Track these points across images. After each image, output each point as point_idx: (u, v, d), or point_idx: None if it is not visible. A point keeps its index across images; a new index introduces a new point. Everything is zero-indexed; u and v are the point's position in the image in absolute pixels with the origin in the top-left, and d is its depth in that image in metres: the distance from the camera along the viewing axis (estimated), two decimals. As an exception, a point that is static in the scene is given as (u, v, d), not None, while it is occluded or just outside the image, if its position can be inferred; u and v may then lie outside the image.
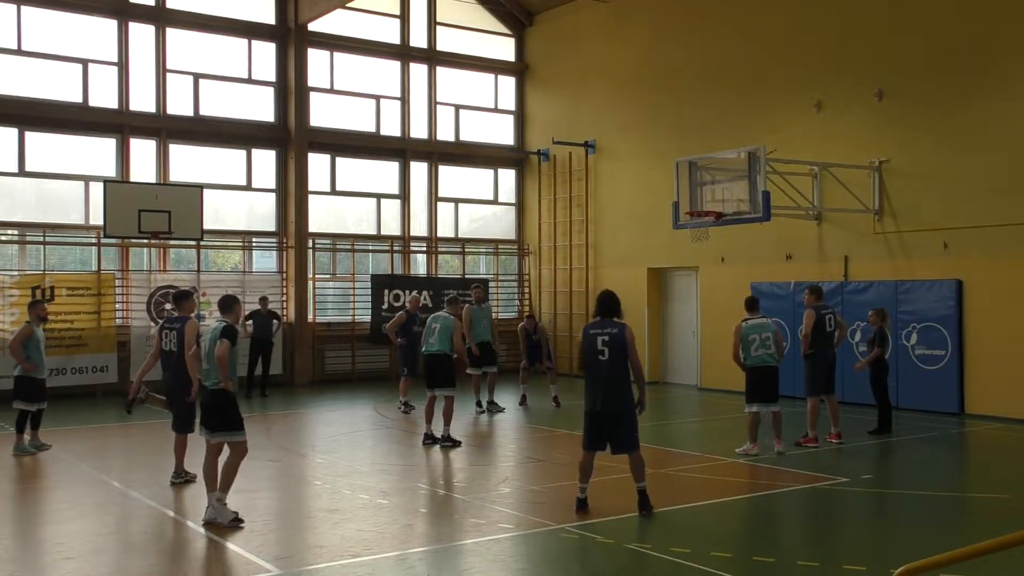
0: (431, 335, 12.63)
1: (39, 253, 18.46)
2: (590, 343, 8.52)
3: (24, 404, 11.82)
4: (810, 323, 12.25)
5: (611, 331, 8.48)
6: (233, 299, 8.77)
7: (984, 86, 14.96)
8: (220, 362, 8.22)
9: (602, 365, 8.44)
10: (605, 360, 8.43)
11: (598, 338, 8.50)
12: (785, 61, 17.79)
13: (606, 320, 8.58)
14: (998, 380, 14.58)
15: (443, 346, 12.52)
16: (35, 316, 12.00)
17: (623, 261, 20.97)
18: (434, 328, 12.63)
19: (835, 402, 12.55)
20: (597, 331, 8.53)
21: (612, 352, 8.42)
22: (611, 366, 8.42)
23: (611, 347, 8.43)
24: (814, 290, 12.74)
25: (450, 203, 23.13)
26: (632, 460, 8.53)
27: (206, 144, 19.97)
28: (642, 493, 8.52)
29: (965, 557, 4.26)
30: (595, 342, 8.49)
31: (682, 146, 18.24)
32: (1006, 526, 7.44)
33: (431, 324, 12.75)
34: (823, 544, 8.01)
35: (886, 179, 16.18)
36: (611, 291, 8.84)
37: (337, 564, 7.11)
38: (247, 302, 19.21)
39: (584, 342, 8.58)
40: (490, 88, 23.75)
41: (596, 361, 8.47)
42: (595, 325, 8.61)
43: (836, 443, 12.23)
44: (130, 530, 8.45)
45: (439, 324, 12.64)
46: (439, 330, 12.57)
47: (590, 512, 8.49)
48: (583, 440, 8.70)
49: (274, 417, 15.42)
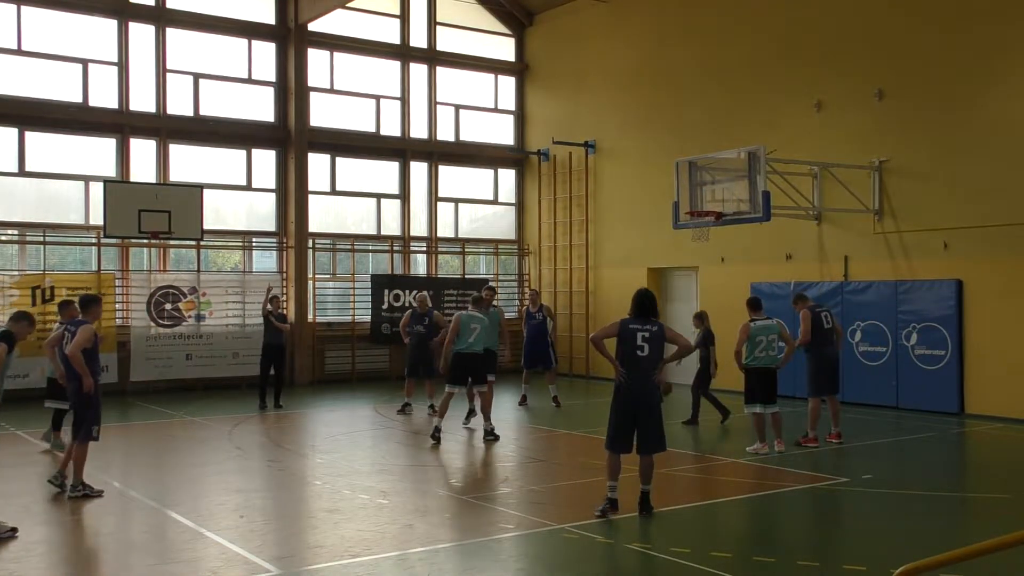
0: (469, 335, 12.80)
1: (39, 253, 18.46)
2: (629, 338, 8.47)
3: (57, 403, 11.86)
4: (808, 323, 12.21)
5: (651, 328, 8.51)
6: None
7: (984, 86, 14.96)
8: None
9: (641, 360, 8.45)
10: (644, 356, 8.44)
11: (638, 333, 8.47)
12: (785, 61, 17.79)
13: (644, 317, 8.58)
14: (998, 380, 14.58)
15: (479, 345, 12.87)
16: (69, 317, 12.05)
17: (623, 261, 20.97)
18: (473, 328, 12.83)
19: (836, 402, 12.51)
20: (637, 326, 8.51)
21: (652, 349, 8.46)
22: (650, 362, 8.46)
23: (651, 343, 8.46)
24: (801, 297, 12.73)
25: (450, 203, 23.13)
26: (648, 462, 8.52)
27: (206, 144, 19.96)
28: (646, 495, 8.51)
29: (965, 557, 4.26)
30: (635, 337, 8.46)
31: (682, 146, 18.23)
32: (1006, 526, 7.44)
33: (469, 324, 12.87)
34: (823, 544, 8.01)
35: (886, 179, 16.18)
36: (649, 290, 8.85)
37: (337, 564, 7.11)
38: (248, 302, 19.24)
39: (621, 336, 8.50)
40: (490, 88, 23.75)
41: (635, 356, 8.45)
42: (633, 321, 8.56)
43: (836, 443, 12.23)
44: (130, 530, 8.44)
45: (479, 325, 12.89)
46: (479, 331, 12.85)
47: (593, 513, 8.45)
48: (610, 442, 8.58)
49: (274, 417, 15.41)
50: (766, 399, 11.65)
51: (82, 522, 8.66)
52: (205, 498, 9.41)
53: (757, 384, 11.68)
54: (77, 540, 8.00)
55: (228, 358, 19.07)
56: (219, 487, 10.04)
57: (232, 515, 8.73)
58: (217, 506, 9.13)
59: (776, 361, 11.73)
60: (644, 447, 8.52)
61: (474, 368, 12.97)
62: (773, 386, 11.76)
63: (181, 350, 18.67)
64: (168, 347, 18.68)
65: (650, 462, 8.54)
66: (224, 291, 19.40)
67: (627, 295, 9.13)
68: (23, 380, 17.01)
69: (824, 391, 12.34)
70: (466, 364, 12.88)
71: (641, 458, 8.53)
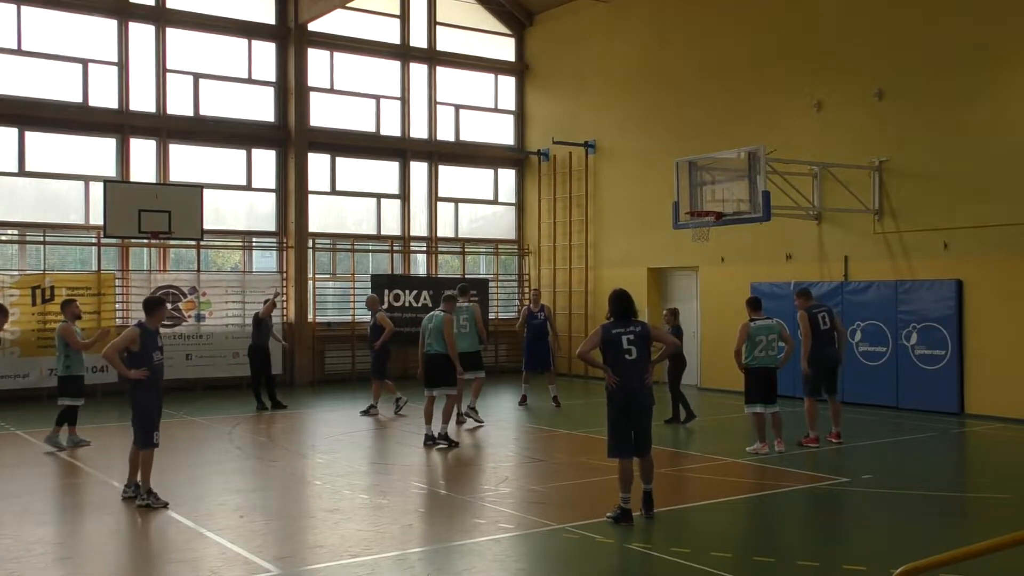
0: (428, 335, 12.54)
1: (39, 253, 18.47)
2: (615, 343, 8.34)
3: (71, 400, 12.13)
4: (807, 325, 12.17)
5: (635, 329, 8.39)
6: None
7: (984, 86, 14.96)
8: None
9: (629, 364, 8.32)
10: (632, 359, 8.32)
11: (623, 337, 8.34)
12: (785, 61, 17.79)
13: (626, 319, 8.47)
14: (998, 380, 14.57)
15: (441, 346, 12.45)
16: (70, 315, 12.17)
17: (623, 261, 20.96)
18: (429, 328, 12.55)
19: (837, 403, 12.47)
20: (620, 330, 8.37)
21: (639, 351, 8.36)
22: (638, 364, 8.35)
23: (637, 345, 8.35)
24: (803, 293, 12.63)
25: (450, 203, 23.13)
26: (647, 461, 8.49)
27: (206, 144, 19.97)
28: (649, 494, 8.49)
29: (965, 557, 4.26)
30: (620, 341, 8.33)
31: (682, 146, 18.23)
32: (1006, 526, 7.44)
33: (426, 324, 12.65)
34: (823, 544, 8.01)
35: (886, 179, 16.18)
36: (625, 290, 8.70)
37: (337, 564, 7.11)
38: (248, 302, 19.24)
39: (606, 343, 8.37)
40: (490, 88, 23.75)
41: (622, 361, 8.32)
42: (616, 325, 8.42)
43: (836, 443, 12.23)
44: (130, 530, 8.44)
45: (433, 324, 12.53)
46: (433, 330, 12.48)
47: (593, 512, 8.47)
48: (613, 449, 8.45)
49: (274, 417, 15.41)
50: (766, 399, 11.64)
51: (82, 522, 8.66)
52: (205, 498, 9.41)
53: (757, 384, 11.67)
54: (77, 540, 8.00)
55: (228, 358, 19.07)
56: (219, 487, 10.04)
57: (232, 515, 8.73)
58: (217, 506, 9.13)
59: (776, 361, 11.72)
60: (641, 448, 8.48)
61: (434, 368, 12.51)
62: (773, 386, 11.75)
63: (181, 350, 18.66)
64: (168, 347, 18.43)
65: (650, 462, 8.51)
66: (224, 291, 19.40)
67: (627, 296, 9.05)
68: (23, 380, 17.03)
69: (819, 391, 12.32)
70: (427, 365, 12.62)
71: (641, 460, 8.51)
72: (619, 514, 8.26)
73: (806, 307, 12.36)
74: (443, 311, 12.62)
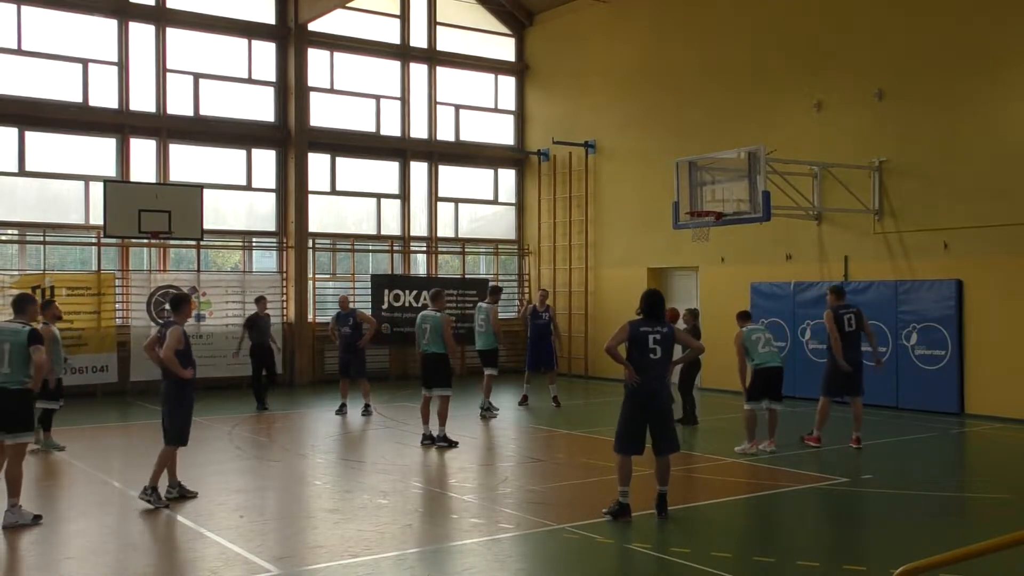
0: (423, 335, 12.50)
1: (39, 253, 18.47)
2: (641, 341, 8.37)
3: (47, 403, 11.82)
4: (832, 325, 12.00)
5: (662, 330, 8.44)
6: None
7: (983, 86, 14.96)
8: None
9: (652, 364, 8.37)
10: (656, 359, 8.38)
11: (649, 336, 8.38)
12: (785, 61, 17.79)
13: (654, 319, 8.51)
14: (998, 380, 14.58)
15: (437, 346, 12.40)
16: (51, 316, 12.11)
17: (623, 261, 20.97)
18: (424, 328, 12.49)
19: (859, 405, 12.15)
20: (648, 329, 8.41)
21: (663, 351, 8.41)
22: (661, 365, 8.43)
23: (662, 345, 8.40)
24: (836, 290, 12.43)
25: (450, 203, 23.13)
26: (665, 462, 8.49)
27: (206, 144, 19.97)
28: (663, 496, 8.49)
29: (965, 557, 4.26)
30: (647, 340, 8.37)
31: (682, 146, 18.23)
32: (1006, 526, 7.44)
33: (421, 324, 12.59)
34: (823, 544, 8.01)
35: (886, 179, 16.18)
36: (658, 290, 8.82)
37: (337, 564, 7.11)
38: (247, 302, 19.21)
39: (632, 339, 8.39)
40: (490, 88, 23.75)
41: (647, 360, 8.37)
42: (644, 323, 8.46)
43: (856, 448, 11.94)
44: (130, 530, 8.44)
45: (429, 324, 12.46)
46: (429, 330, 12.42)
47: (593, 513, 8.47)
48: (620, 445, 8.47)
49: (274, 417, 15.41)
50: (774, 396, 11.75)
51: (82, 522, 8.66)
52: (205, 498, 9.40)
53: (765, 383, 11.71)
54: (77, 540, 8.00)
55: (228, 358, 19.02)
56: (219, 487, 10.03)
57: (232, 515, 8.73)
58: (217, 506, 9.12)
59: (779, 357, 11.77)
60: (660, 448, 8.48)
61: (429, 369, 12.46)
62: (780, 385, 11.82)
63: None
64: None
65: (667, 463, 8.51)
66: (224, 291, 19.40)
67: (627, 295, 9.14)
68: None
69: (837, 392, 12.15)
70: (422, 365, 12.62)
71: (658, 460, 8.50)
72: (617, 508, 8.30)
73: (833, 306, 12.19)
74: (436, 311, 12.55)
